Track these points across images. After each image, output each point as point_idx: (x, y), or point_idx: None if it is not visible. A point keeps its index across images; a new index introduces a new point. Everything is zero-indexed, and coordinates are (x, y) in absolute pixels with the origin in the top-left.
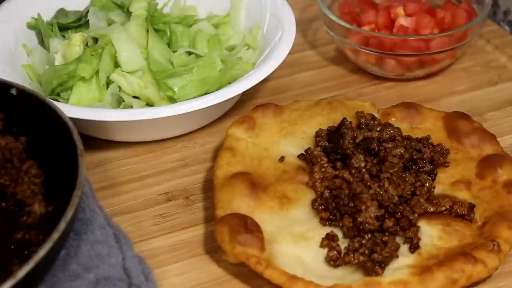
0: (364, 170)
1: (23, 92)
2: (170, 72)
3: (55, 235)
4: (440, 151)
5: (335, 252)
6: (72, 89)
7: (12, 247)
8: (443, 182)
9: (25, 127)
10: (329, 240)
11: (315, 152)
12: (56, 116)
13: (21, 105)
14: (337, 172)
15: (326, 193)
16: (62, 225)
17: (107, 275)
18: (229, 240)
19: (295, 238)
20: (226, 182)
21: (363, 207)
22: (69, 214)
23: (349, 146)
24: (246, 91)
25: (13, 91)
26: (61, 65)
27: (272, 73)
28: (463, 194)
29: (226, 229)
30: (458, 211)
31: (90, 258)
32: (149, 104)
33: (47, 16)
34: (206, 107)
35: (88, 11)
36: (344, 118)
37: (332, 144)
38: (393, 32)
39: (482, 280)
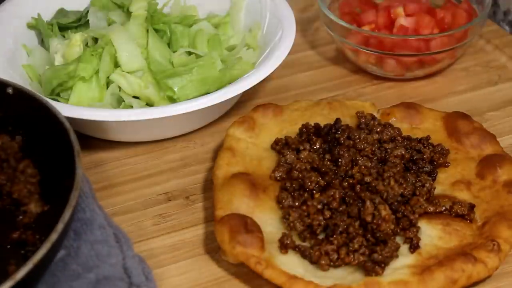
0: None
1: (19, 92)
2: (170, 72)
3: (53, 236)
4: (440, 151)
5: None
6: (72, 89)
7: (8, 247)
8: (443, 182)
9: (21, 126)
10: (325, 255)
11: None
12: (52, 116)
13: (17, 105)
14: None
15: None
16: (60, 226)
17: (107, 275)
18: (229, 240)
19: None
20: (226, 182)
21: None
22: (66, 215)
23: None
24: (246, 91)
25: (9, 90)
26: (61, 65)
27: (272, 73)
28: (463, 194)
29: (226, 229)
30: (458, 211)
31: (90, 258)
32: (149, 104)
33: (47, 16)
34: (206, 107)
35: (88, 11)
36: (338, 119)
37: (328, 147)
38: (393, 32)
39: (482, 280)
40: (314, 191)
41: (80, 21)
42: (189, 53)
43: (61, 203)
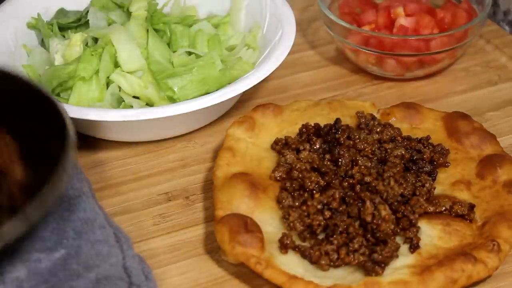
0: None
1: None
2: (170, 72)
3: (63, 175)
4: (440, 151)
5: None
6: (72, 89)
7: None
8: (443, 182)
9: None
10: (325, 255)
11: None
12: (27, 85)
13: None
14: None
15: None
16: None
17: (107, 274)
18: (229, 240)
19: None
20: (226, 182)
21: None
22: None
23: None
24: (246, 91)
25: None
26: (61, 65)
27: (272, 73)
28: (463, 194)
29: (226, 229)
30: (458, 211)
31: (90, 258)
32: (149, 104)
33: (47, 16)
34: (206, 107)
35: (88, 11)
36: (338, 119)
37: (328, 147)
38: (393, 32)
39: (482, 280)
40: (314, 191)
41: (80, 21)
42: (189, 53)
43: (48, 169)
